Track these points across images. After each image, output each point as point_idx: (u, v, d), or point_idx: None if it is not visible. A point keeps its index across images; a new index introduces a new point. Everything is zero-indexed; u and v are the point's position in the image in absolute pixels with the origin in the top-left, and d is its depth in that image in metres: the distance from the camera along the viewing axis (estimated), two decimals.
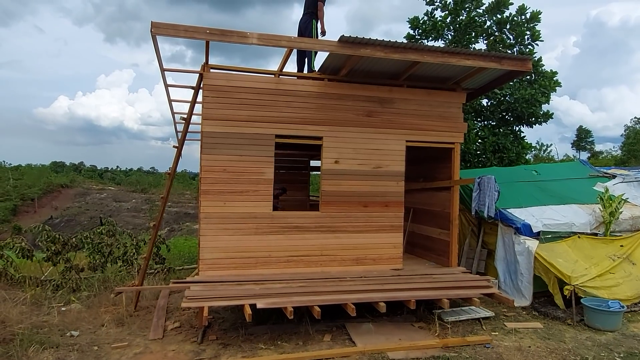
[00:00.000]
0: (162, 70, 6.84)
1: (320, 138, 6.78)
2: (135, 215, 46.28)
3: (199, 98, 6.74)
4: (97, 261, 9.44)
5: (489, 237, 8.09)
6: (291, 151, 10.89)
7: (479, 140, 11.87)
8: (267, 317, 6.25)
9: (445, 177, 7.71)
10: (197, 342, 5.62)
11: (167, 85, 7.67)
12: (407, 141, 7.13)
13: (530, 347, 5.50)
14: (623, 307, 6.26)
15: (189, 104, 7.03)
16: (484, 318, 6.42)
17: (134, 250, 9.73)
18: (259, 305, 5.29)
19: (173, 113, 9.25)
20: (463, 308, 6.64)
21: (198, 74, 6.59)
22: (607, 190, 7.95)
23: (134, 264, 9.41)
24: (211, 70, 6.51)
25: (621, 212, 7.64)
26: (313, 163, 11.43)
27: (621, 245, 7.38)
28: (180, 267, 10.84)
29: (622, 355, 5.33)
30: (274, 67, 6.84)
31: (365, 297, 5.71)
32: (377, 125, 6.99)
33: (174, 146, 7.21)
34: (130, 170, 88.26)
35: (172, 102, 8.81)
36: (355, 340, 5.58)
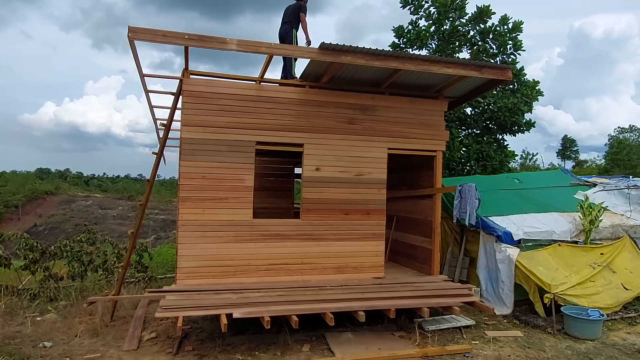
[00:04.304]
0: (142, 75, 6.77)
1: (301, 145, 6.74)
2: (121, 222, 45.66)
3: (180, 104, 6.67)
4: (77, 270, 9.23)
5: (471, 245, 8.08)
6: (275, 158, 10.85)
7: (463, 149, 11.92)
8: (246, 327, 6.14)
9: (428, 185, 7.70)
10: (173, 353, 5.49)
11: (147, 91, 7.58)
12: (389, 149, 7.12)
13: (509, 356, 5.47)
14: (603, 315, 6.27)
15: (169, 110, 6.96)
16: (464, 326, 6.38)
17: (115, 259, 9.57)
18: (235, 315, 5.19)
19: (154, 119, 9.16)
20: (444, 316, 6.59)
21: (178, 80, 6.53)
22: (587, 198, 8.01)
23: (115, 272, 9.23)
24: (191, 76, 6.45)
25: (601, 220, 7.69)
26: (298, 171, 11.38)
27: (601, 253, 7.43)
28: (163, 276, 10.65)
29: None
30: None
31: (344, 306, 5.64)
32: (358, 133, 6.97)
33: (153, 152, 7.11)
34: (117, 177, 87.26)
35: (155, 109, 8.72)
36: (334, 350, 5.50)
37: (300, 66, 7.67)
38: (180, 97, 6.48)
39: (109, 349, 5.74)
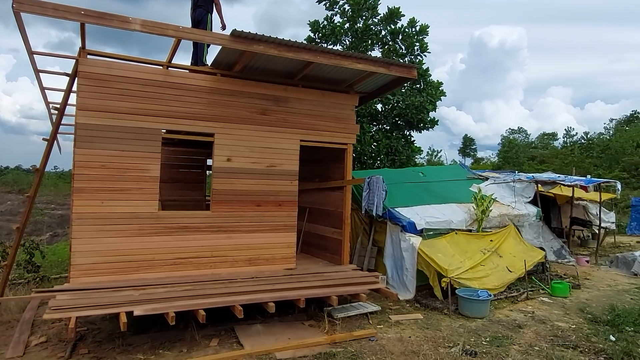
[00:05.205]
0: (30, 53, 6.08)
1: (212, 135, 6.54)
2: (10, 219, 40.69)
3: (75, 87, 6.10)
4: None
5: (379, 235, 8.46)
6: (187, 149, 10.41)
7: (374, 143, 12.43)
8: (150, 325, 5.83)
9: (339, 178, 7.91)
10: (65, 357, 5.04)
11: (37, 71, 6.81)
12: (301, 140, 7.18)
13: (410, 337, 5.83)
14: (490, 295, 6.93)
15: (63, 93, 6.34)
16: (371, 313, 6.67)
17: (0, 258, 8.55)
18: (136, 313, 4.90)
19: (47, 102, 8.26)
20: (352, 304, 6.84)
21: (75, 60, 5.97)
22: (480, 190, 8.80)
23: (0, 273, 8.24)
24: (88, 56, 5.93)
25: (491, 210, 8.50)
26: (210, 162, 11.03)
27: (491, 240, 8.21)
28: (57, 276, 9.75)
29: (488, 339, 5.89)
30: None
31: (253, 298, 5.60)
32: (271, 124, 6.94)
33: (44, 139, 6.44)
34: (7, 168, 77.60)
35: (49, 91, 7.87)
36: (243, 343, 5.43)
37: (212, 53, 7.41)
38: (76, 79, 5.94)
39: None
